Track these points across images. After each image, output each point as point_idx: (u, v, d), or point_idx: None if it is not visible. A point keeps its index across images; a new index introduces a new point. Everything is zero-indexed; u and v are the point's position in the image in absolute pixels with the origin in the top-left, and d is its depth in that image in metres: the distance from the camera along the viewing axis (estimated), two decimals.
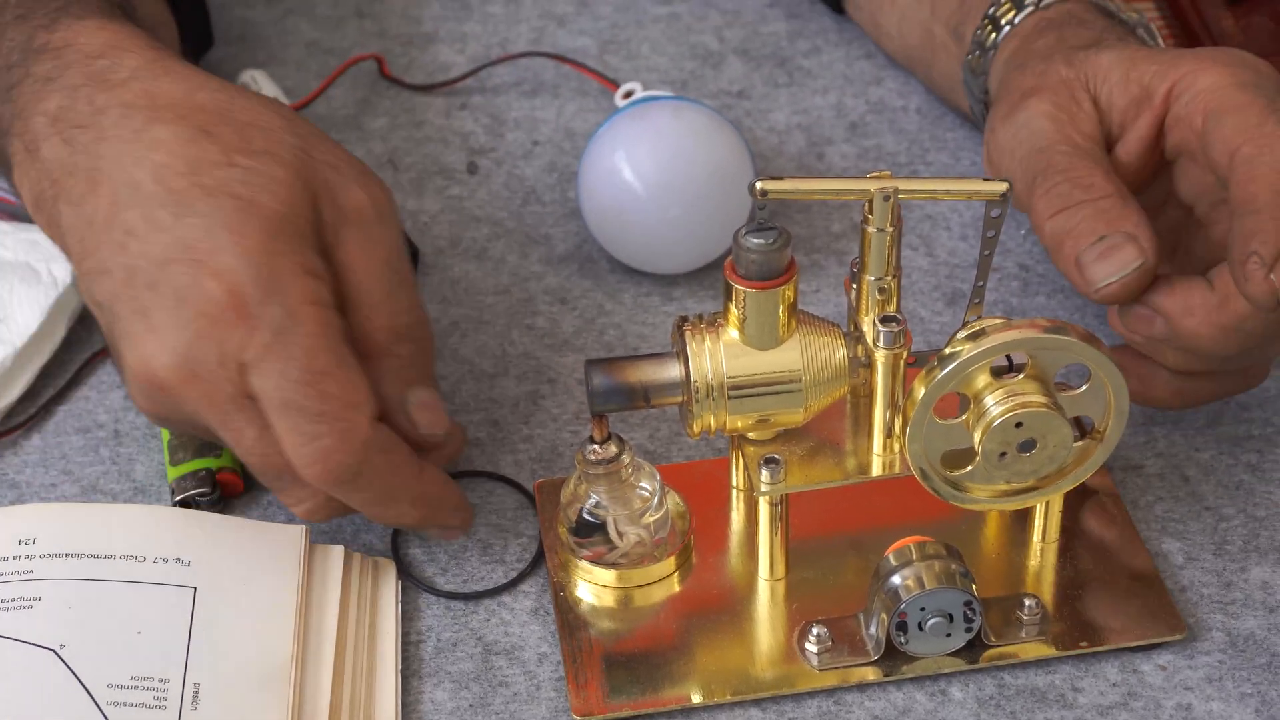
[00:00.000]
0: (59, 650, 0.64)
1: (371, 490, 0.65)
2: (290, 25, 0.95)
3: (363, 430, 0.64)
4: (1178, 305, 0.67)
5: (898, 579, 0.65)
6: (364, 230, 0.67)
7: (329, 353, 0.64)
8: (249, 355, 0.63)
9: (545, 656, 0.68)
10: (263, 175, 0.65)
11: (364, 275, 0.66)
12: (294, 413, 0.63)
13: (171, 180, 0.65)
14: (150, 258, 0.64)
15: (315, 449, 0.63)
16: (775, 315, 0.65)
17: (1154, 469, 0.74)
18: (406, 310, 0.68)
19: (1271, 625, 0.68)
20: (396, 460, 0.66)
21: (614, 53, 0.93)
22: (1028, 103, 0.71)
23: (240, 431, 0.65)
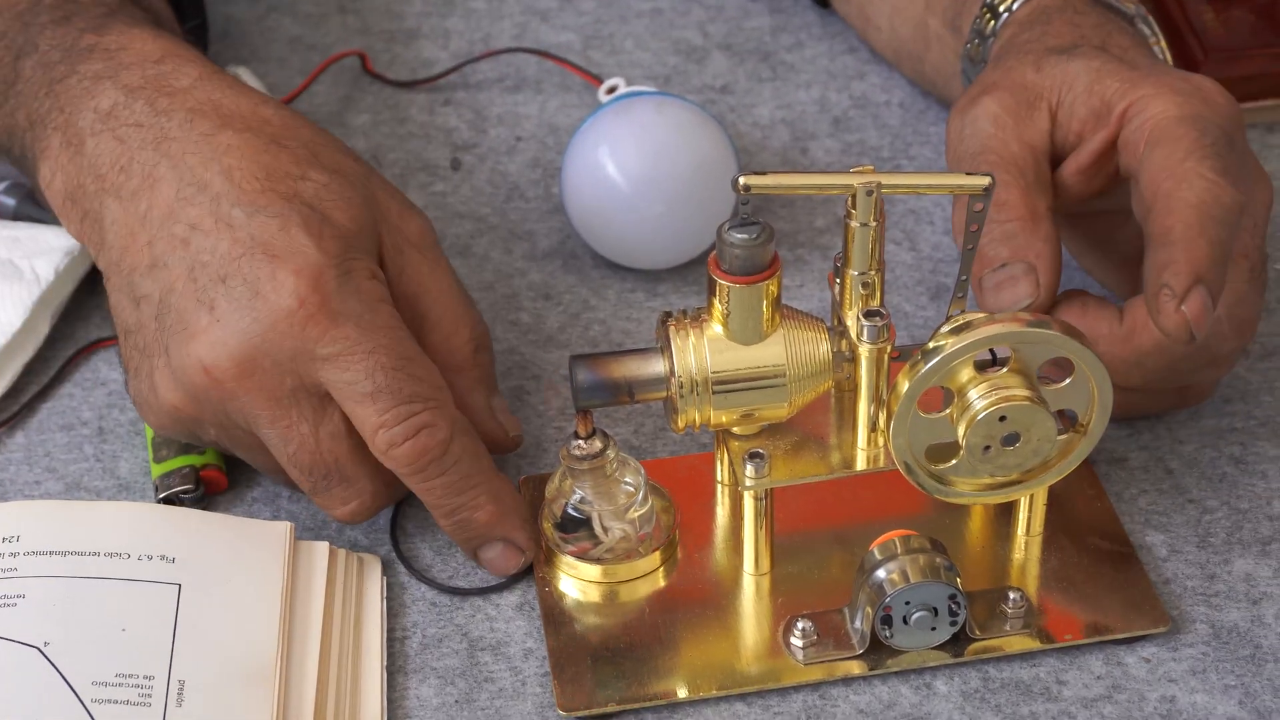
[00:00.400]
0: (43, 648, 0.64)
1: (456, 473, 0.66)
2: (273, 22, 0.95)
3: (450, 409, 0.66)
4: (1087, 330, 0.68)
5: (882, 573, 0.65)
6: (428, 253, 0.70)
7: (409, 341, 0.66)
8: (330, 350, 0.65)
9: (531, 652, 0.68)
10: (334, 191, 0.67)
11: (441, 294, 0.70)
12: (386, 397, 0.65)
13: (245, 182, 0.67)
14: (219, 253, 0.66)
15: (409, 426, 0.65)
16: (759, 310, 0.65)
17: (1137, 462, 0.74)
18: (480, 323, 0.71)
19: (1254, 617, 0.69)
20: (478, 449, 0.68)
21: (597, 48, 0.93)
22: (982, 100, 0.71)
23: (294, 427, 0.66)
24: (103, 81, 0.70)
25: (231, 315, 0.65)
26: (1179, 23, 0.89)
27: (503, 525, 0.68)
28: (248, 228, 0.66)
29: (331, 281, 0.65)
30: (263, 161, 0.67)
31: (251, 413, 0.66)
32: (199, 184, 0.67)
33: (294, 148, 0.68)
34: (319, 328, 0.65)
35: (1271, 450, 0.74)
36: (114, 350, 0.79)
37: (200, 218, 0.66)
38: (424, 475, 0.66)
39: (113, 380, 0.77)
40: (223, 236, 0.66)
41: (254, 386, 0.66)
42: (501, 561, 0.69)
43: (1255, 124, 0.88)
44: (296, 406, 0.66)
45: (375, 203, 0.69)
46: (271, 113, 0.70)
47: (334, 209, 0.67)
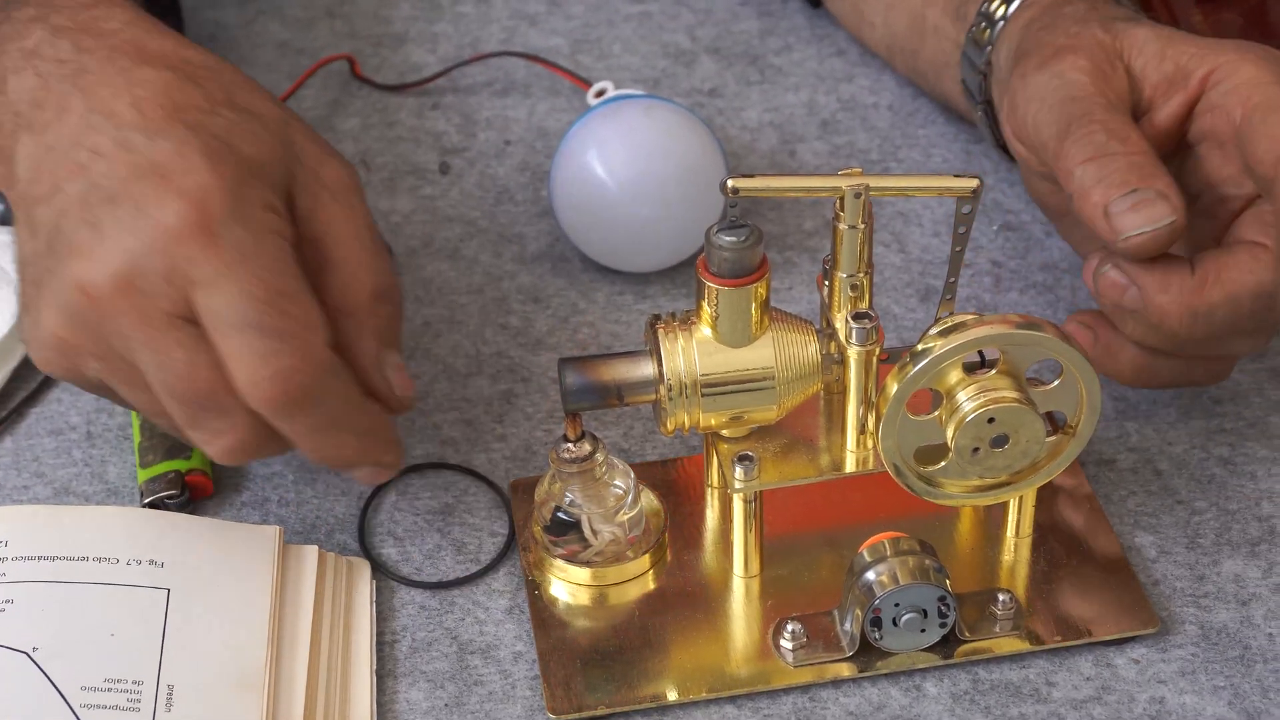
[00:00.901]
0: (32, 653, 0.64)
1: (321, 415, 0.64)
2: (261, 26, 0.95)
3: (317, 350, 0.64)
4: (1155, 280, 0.67)
5: (872, 575, 0.65)
6: (345, 200, 0.67)
7: (290, 277, 0.64)
8: (205, 273, 0.63)
9: (520, 655, 0.68)
10: (244, 127, 0.65)
11: (348, 239, 0.67)
12: (252, 331, 0.62)
13: (151, 111, 0.65)
14: (114, 176, 0.64)
15: (274, 366, 0.63)
16: (748, 313, 0.65)
17: (1126, 463, 0.74)
18: (386, 274, 0.68)
19: (1244, 618, 0.69)
20: (347, 389, 0.65)
21: (586, 52, 0.93)
22: (1064, 57, 0.71)
23: (169, 351, 0.63)
24: (33, 25, 0.68)
25: (114, 234, 0.63)
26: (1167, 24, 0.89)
27: (370, 455, 0.66)
28: (146, 151, 0.64)
29: (218, 204, 0.63)
30: (174, 96, 0.65)
31: (127, 335, 0.64)
32: (106, 113, 0.65)
33: (210, 87, 0.67)
34: (196, 246, 0.63)
35: (1260, 451, 0.74)
36: None
37: (101, 143, 0.65)
38: (285, 415, 0.64)
39: None
40: (121, 160, 0.64)
41: (130, 306, 0.63)
42: (368, 478, 0.68)
43: None
44: (173, 330, 0.63)
45: (290, 144, 0.67)
46: (195, 55, 0.68)
47: (241, 140, 0.65)
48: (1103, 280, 0.69)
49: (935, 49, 0.84)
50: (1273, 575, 0.70)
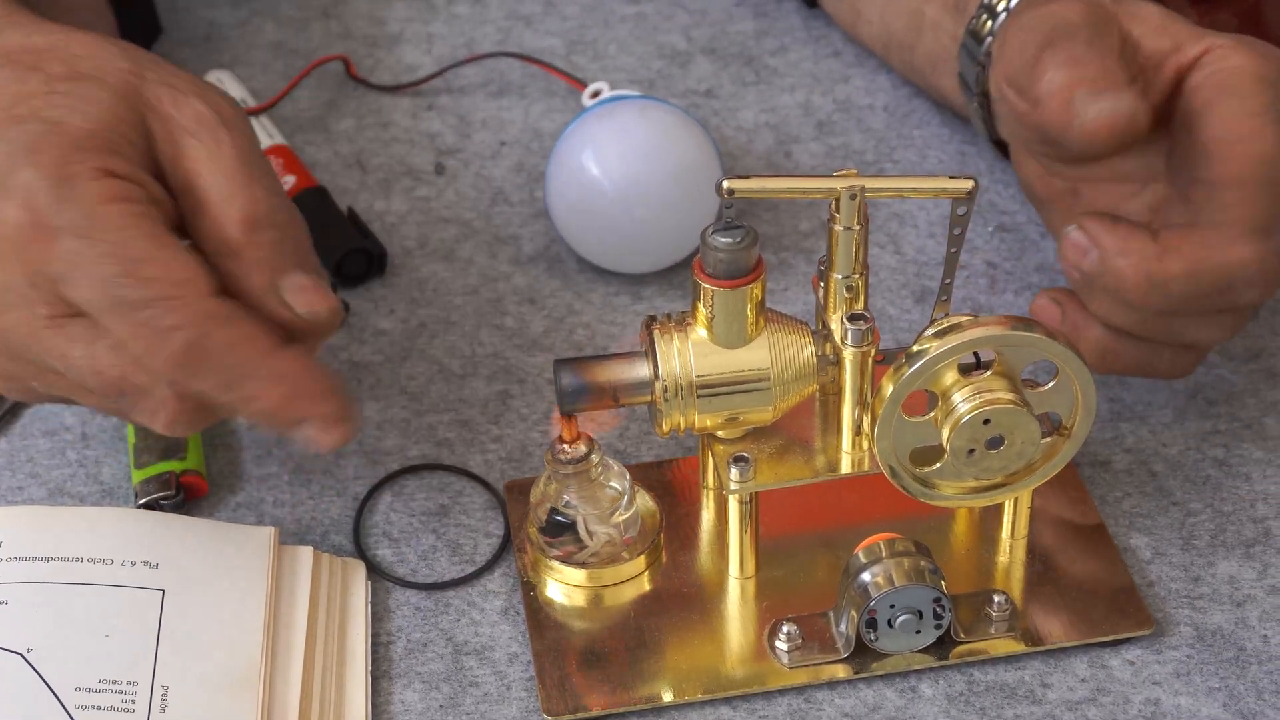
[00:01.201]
0: (26, 654, 0.64)
1: (220, 367, 0.62)
2: (255, 26, 0.95)
3: (195, 303, 0.61)
4: (1115, 243, 0.68)
5: (867, 576, 0.65)
6: (207, 136, 0.65)
7: (142, 240, 0.62)
8: (57, 268, 0.61)
9: (516, 656, 0.68)
10: (77, 98, 0.64)
11: (211, 176, 0.64)
12: (122, 308, 0.61)
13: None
14: None
15: (151, 333, 0.61)
16: (743, 314, 0.65)
17: (1121, 464, 0.74)
18: (262, 199, 0.65)
19: (1239, 619, 0.69)
20: (243, 333, 0.62)
21: (581, 53, 0.93)
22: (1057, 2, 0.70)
23: (67, 354, 0.62)
24: None
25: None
26: None
27: (298, 406, 0.63)
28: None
29: (41, 196, 0.62)
30: (10, 91, 0.64)
31: (25, 345, 0.63)
32: None
33: (49, 66, 0.65)
34: (39, 246, 0.61)
35: (1255, 452, 0.74)
36: None
37: None
38: (189, 378, 0.62)
39: None
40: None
41: (14, 322, 0.63)
42: (317, 440, 0.64)
43: None
44: (61, 330, 0.62)
45: (141, 97, 0.65)
46: (42, 39, 0.66)
47: (71, 115, 0.63)
48: (1065, 241, 0.69)
49: (933, 43, 0.84)
50: (1267, 577, 0.70)
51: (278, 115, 0.89)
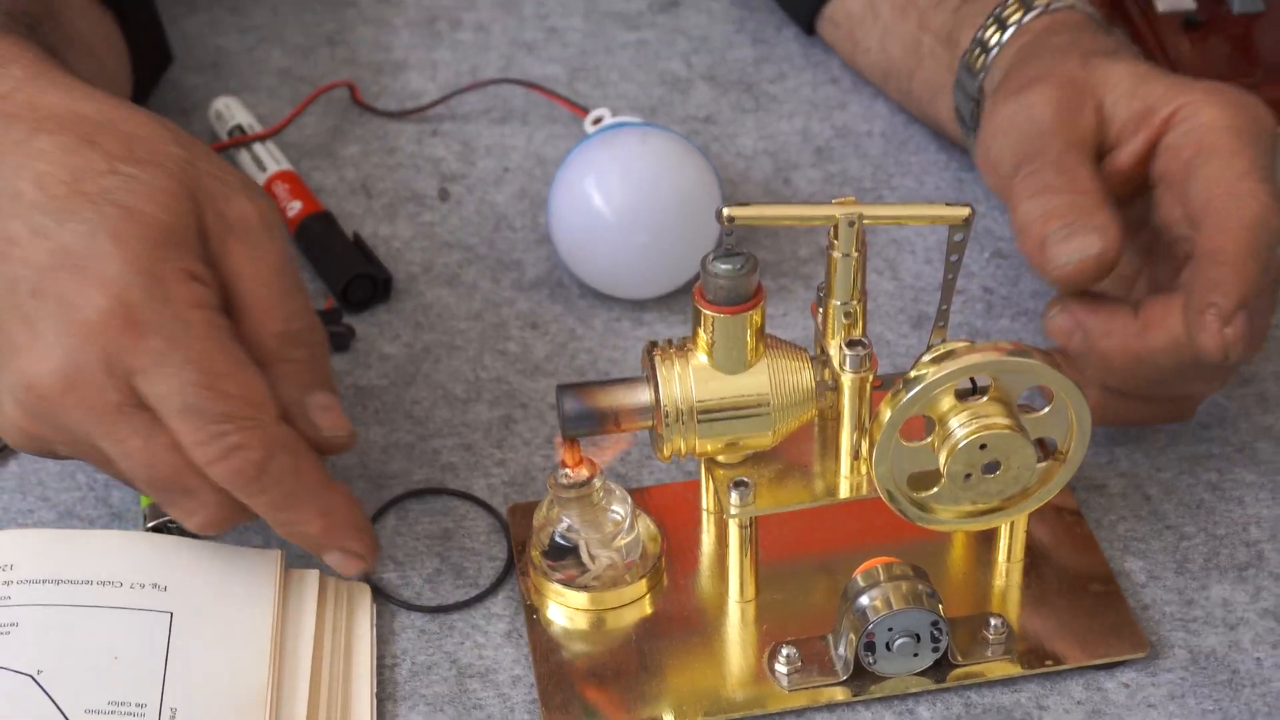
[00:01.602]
0: (36, 676, 0.65)
1: (277, 491, 0.64)
2: (262, 53, 0.95)
3: (268, 426, 0.64)
4: (1099, 324, 0.69)
5: (866, 599, 0.66)
6: (251, 239, 0.67)
7: (224, 355, 0.64)
8: (140, 363, 0.63)
9: (519, 679, 0.69)
10: (145, 183, 0.65)
11: (253, 283, 0.66)
12: (195, 416, 0.63)
13: (53, 188, 0.65)
14: (33, 265, 0.64)
15: (221, 447, 0.63)
16: (743, 340, 0.66)
17: (1116, 488, 0.75)
18: (299, 315, 0.67)
19: (1232, 642, 0.69)
20: (303, 464, 0.65)
21: (583, 79, 0.94)
22: (1034, 88, 0.71)
23: (126, 442, 0.64)
24: None
25: (47, 331, 0.63)
26: (1155, 52, 0.90)
27: (334, 536, 0.66)
28: (58, 237, 0.64)
29: (137, 291, 0.63)
30: (71, 164, 0.65)
31: (84, 429, 0.64)
32: (12, 193, 0.65)
33: (106, 143, 0.66)
34: (126, 340, 0.63)
35: (1248, 476, 0.75)
36: None
37: (16, 230, 0.65)
38: (245, 493, 0.64)
39: None
40: (37, 248, 0.64)
41: (78, 402, 0.64)
42: (341, 567, 0.67)
43: None
44: (126, 420, 0.64)
45: (198, 190, 0.66)
46: (90, 108, 0.67)
47: (145, 202, 0.64)
48: (1051, 324, 0.70)
49: (931, 72, 0.85)
50: (1260, 600, 0.71)
51: (284, 141, 0.89)
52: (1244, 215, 0.66)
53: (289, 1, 0.98)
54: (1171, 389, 0.71)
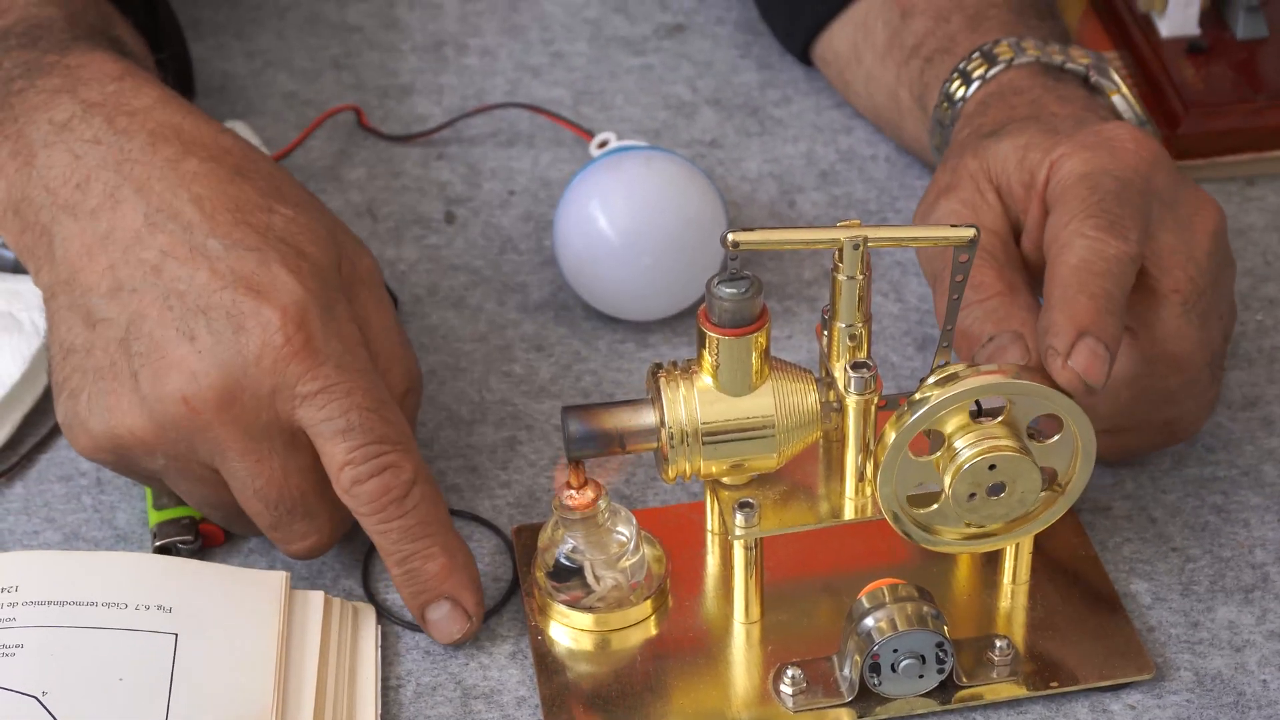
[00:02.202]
0: (41, 697, 0.65)
1: (414, 517, 0.67)
2: (269, 77, 0.96)
3: (417, 452, 0.68)
4: None
5: (871, 621, 0.66)
6: (374, 290, 0.71)
7: (383, 388, 0.68)
8: (310, 388, 0.66)
9: (524, 700, 0.69)
10: (304, 226, 0.69)
11: (380, 331, 0.70)
12: (357, 435, 0.66)
13: (216, 214, 0.67)
14: (197, 283, 0.66)
15: (375, 464, 0.66)
16: (748, 362, 0.66)
17: (1121, 510, 0.75)
18: (415, 366, 0.72)
19: (1238, 664, 0.69)
20: (438, 499, 0.68)
21: (588, 103, 0.94)
22: (939, 203, 0.73)
23: (265, 462, 0.67)
24: (60, 95, 0.70)
25: (214, 348, 0.66)
26: (1159, 77, 0.90)
27: (451, 581, 0.68)
28: (226, 260, 0.67)
29: (316, 320, 0.66)
30: (230, 193, 0.68)
31: (223, 445, 0.66)
32: (169, 211, 0.67)
33: (257, 180, 0.69)
34: (302, 365, 0.66)
35: (1253, 499, 0.75)
36: None
37: (173, 246, 0.67)
38: (384, 515, 0.67)
39: None
40: (200, 267, 0.66)
41: (231, 419, 0.66)
42: (446, 624, 0.69)
43: (1235, 177, 0.89)
44: (269, 441, 0.66)
45: (335, 236, 0.70)
46: (231, 142, 0.70)
47: (305, 243, 0.68)
48: None
49: (914, 128, 0.85)
50: (1266, 622, 0.71)
51: (291, 164, 0.90)
52: (1068, 258, 0.67)
53: (295, 26, 0.99)
54: (1148, 417, 0.71)
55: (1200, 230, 0.70)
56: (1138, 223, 0.68)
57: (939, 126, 0.80)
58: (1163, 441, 0.74)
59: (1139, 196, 0.69)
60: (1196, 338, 0.69)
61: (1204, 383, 0.71)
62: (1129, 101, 0.78)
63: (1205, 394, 0.72)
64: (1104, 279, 0.66)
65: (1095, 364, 0.64)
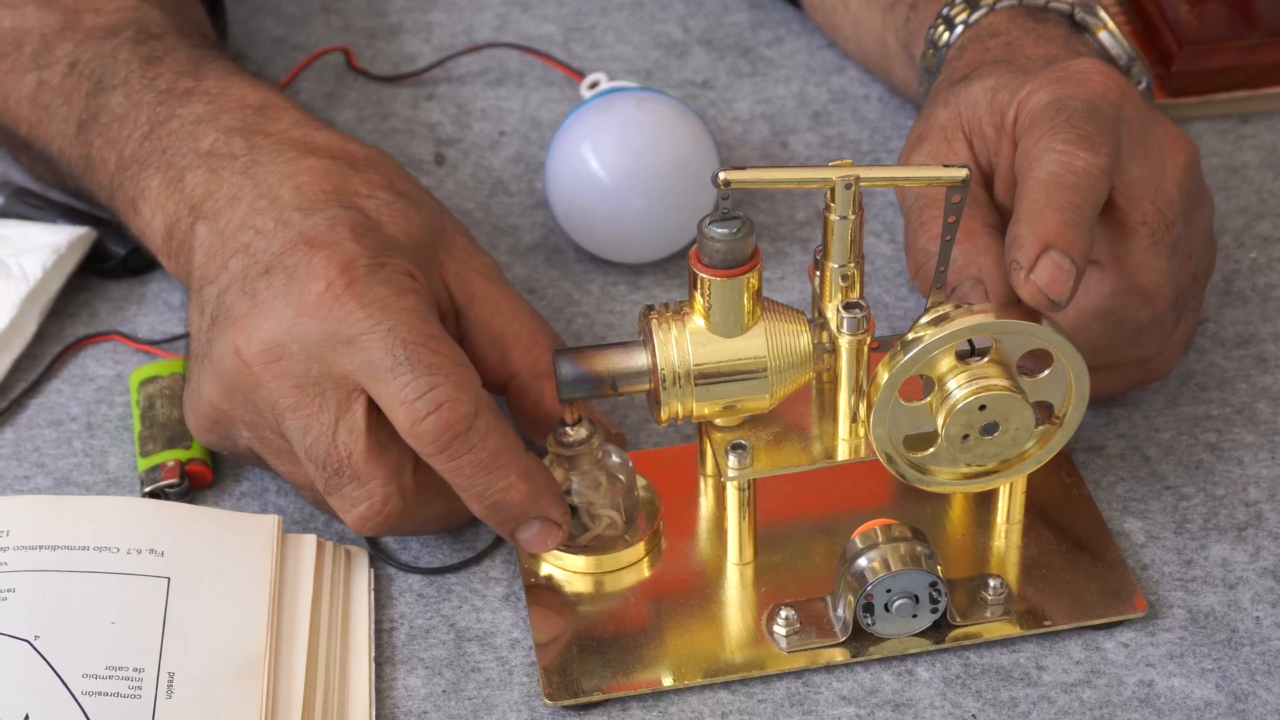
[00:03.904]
0: (34, 641, 0.65)
1: (484, 450, 0.66)
2: (257, 23, 0.95)
3: (476, 384, 0.66)
4: None
5: (864, 561, 0.66)
6: (496, 282, 0.72)
7: (434, 323, 0.67)
8: (355, 329, 0.66)
9: (517, 642, 0.69)
10: (397, 210, 0.70)
11: (515, 313, 0.72)
12: (405, 370, 0.65)
13: (311, 193, 0.69)
14: (271, 250, 0.68)
15: (432, 400, 0.65)
16: (740, 303, 0.65)
17: (1115, 449, 0.75)
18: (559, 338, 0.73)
19: (1231, 602, 0.69)
20: (505, 427, 0.67)
21: (578, 40, 0.94)
22: (911, 156, 0.73)
23: (314, 418, 0.66)
24: (203, 125, 0.73)
25: (269, 301, 0.67)
26: (1154, 16, 0.89)
27: (539, 503, 0.67)
28: (300, 225, 0.68)
29: (361, 269, 0.67)
30: (335, 180, 0.70)
31: (276, 401, 0.67)
32: (271, 197, 0.69)
33: (371, 174, 0.71)
34: (344, 309, 0.66)
35: (1247, 437, 0.75)
36: (102, 346, 0.79)
37: (264, 224, 0.69)
38: (451, 453, 0.66)
39: (100, 376, 0.78)
40: (279, 236, 0.68)
41: (281, 371, 0.66)
42: (539, 540, 0.68)
43: (1229, 115, 0.89)
44: (320, 396, 0.66)
45: (441, 231, 0.71)
46: (358, 148, 0.73)
47: (389, 223, 0.69)
48: None
49: (902, 72, 0.85)
50: (1259, 559, 0.71)
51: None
52: (1036, 173, 0.66)
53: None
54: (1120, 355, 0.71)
55: (1171, 164, 0.70)
56: (1108, 139, 0.67)
57: (926, 74, 0.79)
58: (1136, 381, 0.74)
59: (1109, 120, 0.68)
60: (1165, 269, 0.69)
61: (1170, 320, 0.70)
62: (1115, 37, 0.78)
63: (1172, 331, 0.71)
64: (1072, 192, 0.65)
65: (1060, 277, 0.64)
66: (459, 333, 0.72)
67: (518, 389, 0.72)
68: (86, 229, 0.80)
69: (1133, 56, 0.78)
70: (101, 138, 0.75)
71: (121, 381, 0.78)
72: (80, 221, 0.81)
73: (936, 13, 0.79)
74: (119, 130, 0.74)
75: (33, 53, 0.77)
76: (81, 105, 0.76)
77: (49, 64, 0.77)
